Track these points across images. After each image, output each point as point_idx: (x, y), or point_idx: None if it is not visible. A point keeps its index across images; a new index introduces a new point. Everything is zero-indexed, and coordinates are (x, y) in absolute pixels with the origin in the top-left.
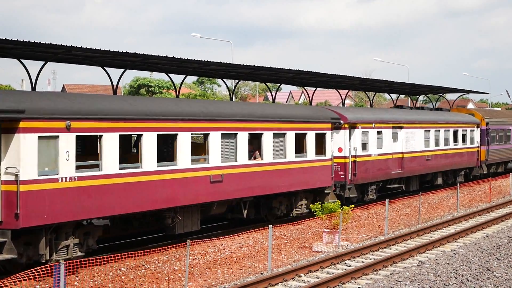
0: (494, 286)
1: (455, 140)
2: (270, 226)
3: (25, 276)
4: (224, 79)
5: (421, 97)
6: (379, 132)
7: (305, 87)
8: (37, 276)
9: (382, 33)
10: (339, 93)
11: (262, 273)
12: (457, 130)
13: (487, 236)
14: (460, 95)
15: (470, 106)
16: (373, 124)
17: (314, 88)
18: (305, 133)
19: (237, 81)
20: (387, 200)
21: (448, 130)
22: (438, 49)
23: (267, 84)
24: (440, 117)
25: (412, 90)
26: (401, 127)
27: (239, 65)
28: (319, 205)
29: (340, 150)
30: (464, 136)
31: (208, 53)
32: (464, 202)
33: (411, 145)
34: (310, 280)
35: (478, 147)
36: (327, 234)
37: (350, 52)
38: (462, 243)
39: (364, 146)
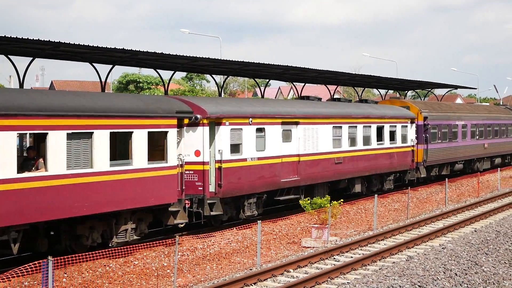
0: (482, 280)
1: (380, 138)
2: (259, 221)
3: (13, 273)
4: (213, 75)
5: (409, 93)
6: (260, 130)
7: (294, 83)
8: (25, 273)
9: (371, 28)
10: (328, 88)
11: (251, 269)
12: (383, 126)
13: (475, 231)
14: (449, 91)
15: (459, 101)
16: (250, 119)
17: (303, 84)
18: (130, 132)
19: (226, 76)
20: (375, 195)
21: (369, 127)
22: (426, 44)
23: (256, 79)
24: (357, 111)
25: (400, 85)
26: (296, 123)
27: (228, 60)
28: (308, 201)
29: (197, 153)
30: (392, 133)
31: (197, 49)
32: (452, 197)
33: (313, 146)
34: (299, 276)
35: (413, 146)
36: (316, 230)
37: (339, 47)
38: (451, 238)
39: (236, 148)
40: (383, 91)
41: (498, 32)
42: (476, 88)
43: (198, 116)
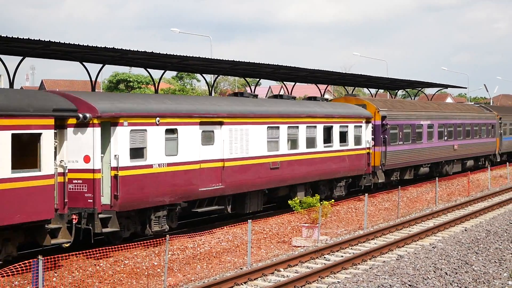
0: (472, 279)
1: (328, 140)
2: (249, 221)
3: (2, 273)
4: (203, 74)
5: (400, 92)
6: (171, 131)
7: (284, 82)
8: (15, 273)
9: (362, 27)
10: (318, 88)
11: (241, 268)
12: (331, 127)
13: (465, 230)
14: (439, 90)
15: (449, 100)
16: (157, 118)
17: (294, 83)
18: None
19: (216, 76)
20: (366, 194)
21: (314, 127)
22: (417, 44)
23: (247, 79)
24: (298, 109)
25: (391, 84)
26: (220, 123)
27: (218, 60)
28: (298, 200)
29: (87, 159)
30: (343, 134)
31: (187, 48)
32: (443, 196)
33: (242, 149)
34: (290, 275)
35: (369, 148)
36: (306, 229)
37: (330, 46)
38: (441, 237)
39: (138, 152)
40: (373, 90)
41: (488, 31)
42: (466, 88)
43: (87, 115)
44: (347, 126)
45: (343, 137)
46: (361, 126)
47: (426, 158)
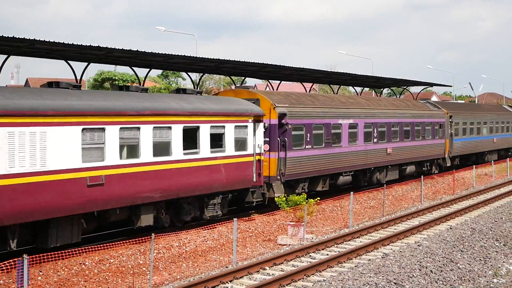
0: (457, 277)
1: (192, 145)
2: (234, 219)
3: None
4: (188, 73)
5: (385, 90)
6: None
7: (270, 80)
8: (0, 271)
9: (348, 26)
10: (303, 86)
11: (227, 267)
12: (197, 128)
13: (450, 228)
14: (424, 88)
15: (434, 99)
16: None
17: (279, 81)
18: None
19: (201, 74)
20: (351, 192)
21: (168, 128)
22: (402, 42)
23: (232, 77)
24: (138, 105)
25: (376, 83)
26: None
27: (203, 58)
28: (284, 198)
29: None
30: (218, 137)
31: (172, 47)
32: (428, 194)
33: (33, 160)
34: (275, 273)
35: (260, 154)
36: (292, 227)
37: (316, 45)
38: (426, 235)
39: None
40: (359, 89)
41: (474, 29)
42: (451, 86)
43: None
44: (223, 127)
45: (217, 141)
46: (246, 127)
47: (347, 165)
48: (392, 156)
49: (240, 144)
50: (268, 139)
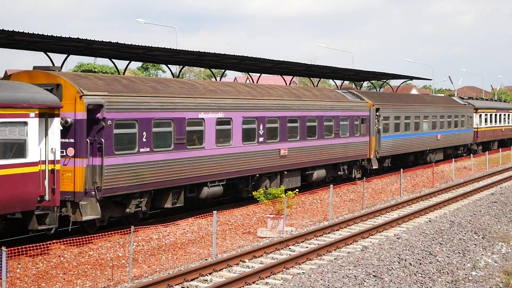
0: (436, 270)
1: None
2: (214, 212)
3: None
4: (168, 65)
5: (365, 83)
6: None
7: (250, 73)
8: None
9: (328, 19)
10: (283, 79)
11: (206, 259)
12: None
13: (429, 221)
14: (404, 81)
15: (414, 92)
16: None
17: (259, 74)
18: None
19: (181, 66)
20: (331, 185)
21: None
22: (383, 35)
23: (212, 70)
24: None
25: (356, 76)
26: None
27: (183, 50)
28: (262, 191)
29: None
30: None
31: (153, 39)
32: (407, 187)
33: None
34: (255, 266)
35: (54, 162)
36: (271, 220)
37: (296, 38)
38: (405, 228)
39: None
40: (339, 82)
41: (454, 23)
42: (431, 79)
43: None
44: None
45: None
46: (25, 124)
47: (213, 173)
48: (289, 159)
49: (12, 148)
50: (72, 141)
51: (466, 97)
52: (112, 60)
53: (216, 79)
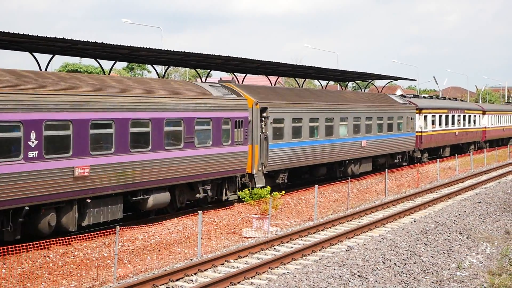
0: (421, 270)
1: None
2: (199, 212)
3: None
4: (154, 65)
5: (350, 84)
6: None
7: (235, 73)
8: None
9: (314, 19)
10: (269, 79)
11: (191, 259)
12: None
13: (414, 221)
14: (389, 82)
15: (399, 92)
16: None
17: (244, 75)
18: None
19: (167, 67)
20: (316, 185)
21: None
22: (368, 36)
23: (197, 70)
24: None
25: (341, 76)
26: None
27: (169, 51)
28: (248, 191)
29: None
30: None
31: (138, 39)
32: (392, 188)
33: None
34: (240, 266)
35: None
36: (256, 220)
37: (281, 38)
38: (390, 228)
39: None
40: (324, 82)
41: (439, 24)
42: (416, 80)
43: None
44: None
45: None
46: None
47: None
48: (91, 180)
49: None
50: None
51: (410, 95)
52: (98, 60)
53: (201, 79)
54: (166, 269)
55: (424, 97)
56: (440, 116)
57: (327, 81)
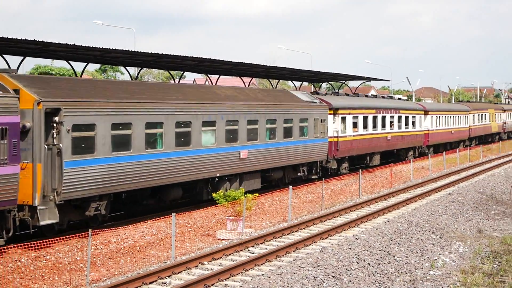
0: (395, 270)
1: None
2: (173, 214)
3: None
4: (126, 67)
5: (324, 84)
6: None
7: (209, 75)
8: None
9: (288, 21)
10: (242, 80)
11: (165, 262)
12: None
13: (388, 221)
14: (362, 83)
15: (372, 93)
16: None
17: (218, 76)
18: None
19: (140, 68)
20: (290, 186)
21: None
22: (342, 37)
23: (171, 71)
24: None
25: (315, 77)
26: None
27: (141, 52)
28: (222, 193)
29: None
30: None
31: (111, 41)
32: (366, 188)
33: None
34: (214, 268)
35: None
36: (231, 222)
37: (255, 39)
38: (364, 229)
39: None
40: (297, 83)
41: (412, 25)
42: (389, 80)
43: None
44: None
45: None
46: None
47: None
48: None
49: None
50: None
51: (323, 92)
52: (69, 62)
53: (175, 81)
54: (139, 272)
55: (347, 95)
56: (365, 118)
57: (301, 82)
